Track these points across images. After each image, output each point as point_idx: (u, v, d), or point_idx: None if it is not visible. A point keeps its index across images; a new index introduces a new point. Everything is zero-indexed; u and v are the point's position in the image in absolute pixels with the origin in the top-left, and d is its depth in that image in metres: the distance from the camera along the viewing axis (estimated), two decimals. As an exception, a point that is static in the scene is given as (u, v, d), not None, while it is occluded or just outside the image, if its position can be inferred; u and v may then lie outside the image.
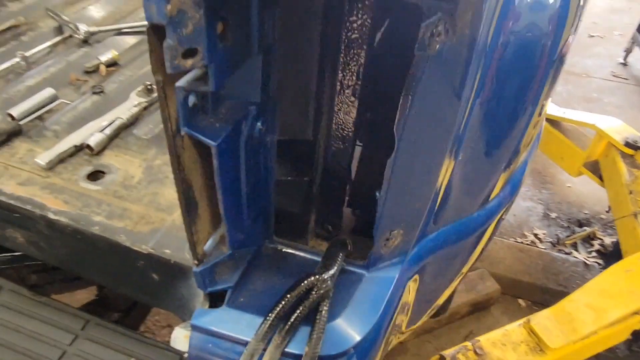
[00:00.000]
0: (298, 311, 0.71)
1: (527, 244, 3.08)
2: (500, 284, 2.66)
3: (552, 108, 2.45)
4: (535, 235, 3.22)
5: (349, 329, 0.75)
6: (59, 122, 1.15)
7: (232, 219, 0.68)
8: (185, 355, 0.82)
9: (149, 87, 1.22)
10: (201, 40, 0.47)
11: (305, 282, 0.72)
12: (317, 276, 0.73)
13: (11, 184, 1.00)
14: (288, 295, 0.71)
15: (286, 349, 0.71)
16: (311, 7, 0.61)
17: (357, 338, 0.75)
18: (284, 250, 0.83)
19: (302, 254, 0.83)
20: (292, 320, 0.71)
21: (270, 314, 0.69)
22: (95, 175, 1.04)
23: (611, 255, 2.55)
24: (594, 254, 2.73)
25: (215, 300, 0.77)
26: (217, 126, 0.58)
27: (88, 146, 1.07)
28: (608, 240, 2.75)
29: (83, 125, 1.12)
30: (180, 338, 0.83)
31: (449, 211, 0.90)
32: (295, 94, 0.70)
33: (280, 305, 0.70)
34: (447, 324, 2.52)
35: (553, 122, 2.48)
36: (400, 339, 1.25)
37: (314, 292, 0.72)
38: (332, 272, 0.75)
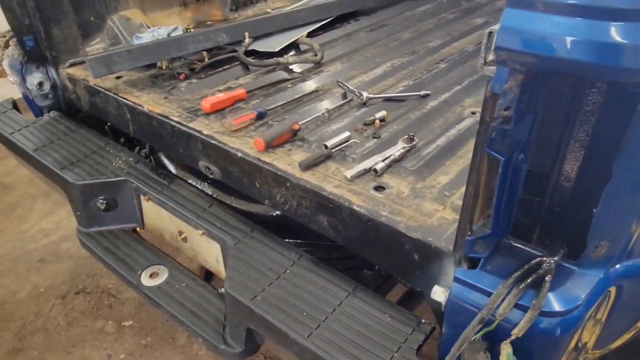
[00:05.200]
0: (531, 277, 1.11)
1: None
2: None
3: None
4: None
5: (561, 299, 1.12)
6: (355, 153, 1.74)
7: (496, 211, 1.12)
8: (443, 304, 1.25)
9: (411, 136, 1.76)
10: (514, 103, 0.94)
11: (537, 259, 1.12)
12: (545, 258, 1.12)
13: (329, 186, 1.58)
14: (526, 266, 1.11)
15: (518, 302, 1.11)
16: (561, 89, 1.05)
17: (565, 307, 1.10)
18: (515, 245, 1.24)
19: (527, 249, 1.23)
20: (527, 281, 1.10)
21: (514, 274, 1.11)
22: (378, 189, 1.58)
23: None
24: None
25: (471, 266, 1.20)
26: (504, 150, 1.04)
27: (374, 170, 1.62)
28: None
29: (370, 157, 1.69)
30: (439, 292, 1.27)
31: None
32: (544, 141, 1.13)
33: (521, 271, 1.11)
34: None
35: None
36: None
37: (541, 268, 1.12)
38: (555, 258, 1.13)
